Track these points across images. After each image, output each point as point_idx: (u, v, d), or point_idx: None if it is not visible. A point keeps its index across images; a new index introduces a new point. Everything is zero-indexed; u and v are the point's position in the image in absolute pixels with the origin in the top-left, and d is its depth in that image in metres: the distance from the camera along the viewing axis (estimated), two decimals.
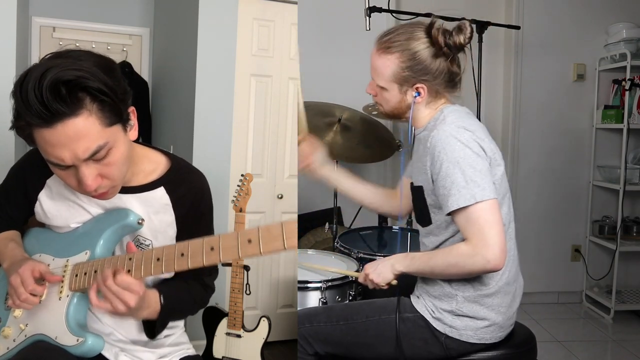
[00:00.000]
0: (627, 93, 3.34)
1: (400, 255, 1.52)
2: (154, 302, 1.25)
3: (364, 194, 1.82)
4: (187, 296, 1.37)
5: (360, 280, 1.61)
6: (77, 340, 1.20)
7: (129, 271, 1.15)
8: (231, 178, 2.84)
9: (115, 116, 1.12)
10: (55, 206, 1.33)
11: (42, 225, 1.40)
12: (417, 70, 1.47)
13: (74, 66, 1.06)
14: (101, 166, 1.14)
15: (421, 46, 1.46)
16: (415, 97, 1.50)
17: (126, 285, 1.11)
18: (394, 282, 1.52)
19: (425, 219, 1.52)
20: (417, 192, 1.52)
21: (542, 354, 1.68)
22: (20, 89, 1.05)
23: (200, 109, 2.77)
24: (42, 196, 1.34)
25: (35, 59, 3.25)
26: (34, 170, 1.34)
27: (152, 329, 1.32)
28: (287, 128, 3.08)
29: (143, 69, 3.48)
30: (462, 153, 1.36)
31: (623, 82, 3.38)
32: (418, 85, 1.49)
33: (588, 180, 3.64)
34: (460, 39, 1.44)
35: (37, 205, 1.34)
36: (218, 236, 1.08)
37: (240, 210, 2.35)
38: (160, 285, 1.32)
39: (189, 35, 2.83)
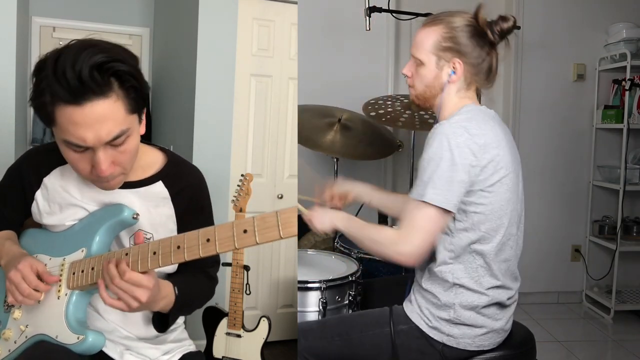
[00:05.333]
0: (627, 93, 3.34)
1: (344, 214, 1.55)
2: (169, 293, 1.25)
3: (394, 204, 1.83)
4: (197, 288, 1.39)
5: (305, 219, 1.59)
6: (78, 338, 1.20)
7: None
8: (231, 178, 2.84)
9: (137, 104, 1.17)
10: (50, 205, 1.33)
11: (38, 226, 1.40)
12: (458, 43, 1.46)
13: (108, 51, 1.11)
14: (116, 153, 1.17)
15: (465, 23, 1.48)
16: (451, 75, 1.48)
17: (135, 281, 1.11)
18: (330, 234, 1.60)
19: None
20: None
21: (542, 354, 1.68)
22: (55, 65, 1.08)
23: (200, 109, 2.77)
24: (38, 196, 1.34)
25: (35, 59, 3.26)
26: (31, 170, 1.35)
27: (162, 322, 1.32)
28: (287, 128, 3.08)
29: (143, 69, 3.46)
30: (441, 154, 1.36)
31: (623, 82, 3.38)
32: (455, 60, 1.47)
33: (588, 180, 3.64)
34: (505, 25, 1.48)
35: (33, 204, 1.35)
36: (214, 227, 1.08)
37: (240, 210, 2.35)
38: (171, 278, 1.32)
39: (189, 35, 2.83)
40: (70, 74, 1.06)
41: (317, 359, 1.57)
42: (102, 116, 1.10)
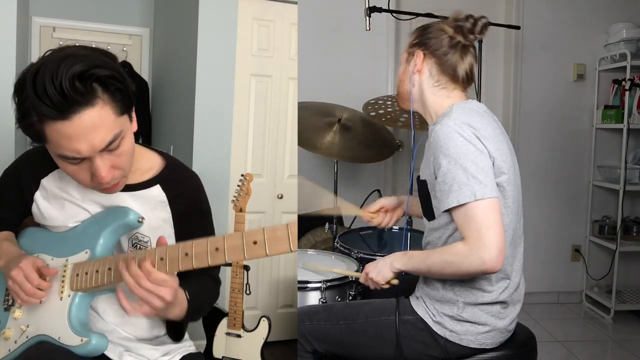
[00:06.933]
0: (627, 93, 3.34)
1: (398, 254, 1.52)
2: (183, 299, 1.24)
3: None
4: (205, 292, 1.38)
5: (362, 280, 1.61)
6: (82, 340, 1.20)
7: None
8: (231, 178, 2.84)
9: (125, 105, 1.14)
10: (51, 207, 1.32)
11: (37, 225, 1.39)
12: (423, 38, 1.53)
13: (85, 58, 1.08)
14: (113, 157, 1.15)
15: (435, 23, 1.55)
16: (415, 65, 1.53)
17: (161, 281, 1.10)
18: (395, 281, 1.52)
19: (429, 213, 1.51)
20: (421, 186, 1.51)
21: (542, 354, 1.68)
22: (34, 84, 1.05)
23: (200, 109, 2.77)
24: (38, 197, 1.33)
25: (35, 59, 3.25)
26: (28, 172, 1.34)
27: (176, 330, 1.31)
28: (287, 128, 3.08)
29: (143, 69, 3.48)
30: (465, 149, 1.34)
31: (623, 82, 3.38)
32: (418, 51, 1.53)
33: (588, 180, 3.64)
34: (467, 24, 1.49)
35: (33, 206, 1.34)
36: (222, 237, 1.07)
37: (240, 210, 2.35)
38: (179, 283, 1.30)
39: (189, 35, 2.83)
40: (52, 90, 1.03)
41: (319, 342, 1.58)
42: (92, 125, 1.08)
